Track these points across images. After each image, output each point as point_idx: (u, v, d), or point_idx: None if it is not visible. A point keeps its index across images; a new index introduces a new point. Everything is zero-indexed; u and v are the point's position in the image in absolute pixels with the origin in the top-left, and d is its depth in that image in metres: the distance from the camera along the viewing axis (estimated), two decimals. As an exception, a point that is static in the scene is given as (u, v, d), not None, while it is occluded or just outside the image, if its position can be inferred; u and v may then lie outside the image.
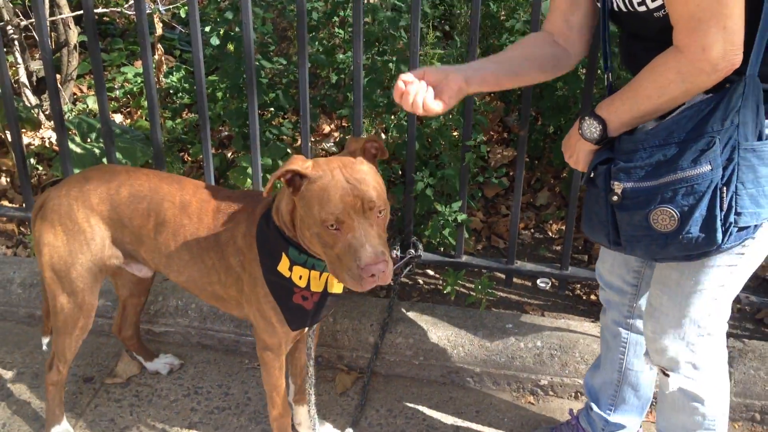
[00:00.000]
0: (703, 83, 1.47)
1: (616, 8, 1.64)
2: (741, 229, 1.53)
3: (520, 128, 2.61)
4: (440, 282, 3.00)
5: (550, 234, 3.30)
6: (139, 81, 4.20)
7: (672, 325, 1.77)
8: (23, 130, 3.56)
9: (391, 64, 3.21)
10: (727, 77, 1.47)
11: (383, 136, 3.40)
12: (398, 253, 2.80)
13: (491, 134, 3.75)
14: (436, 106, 1.65)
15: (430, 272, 3.08)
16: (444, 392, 2.63)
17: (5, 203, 3.42)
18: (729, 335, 2.55)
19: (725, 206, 1.49)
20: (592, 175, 1.66)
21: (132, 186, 2.12)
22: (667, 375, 1.86)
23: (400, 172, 3.36)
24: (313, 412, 2.25)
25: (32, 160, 3.58)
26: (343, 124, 3.82)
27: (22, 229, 3.33)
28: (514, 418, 2.51)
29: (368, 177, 1.77)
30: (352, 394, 2.60)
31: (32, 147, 3.72)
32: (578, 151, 1.71)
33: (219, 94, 3.64)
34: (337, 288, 1.96)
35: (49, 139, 3.83)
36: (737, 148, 1.47)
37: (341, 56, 3.40)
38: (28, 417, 2.46)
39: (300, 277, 1.91)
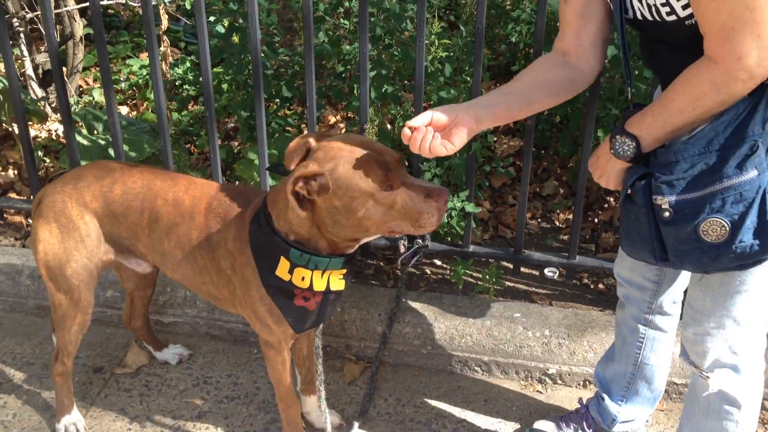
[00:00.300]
0: (740, 92, 1.43)
1: (639, 17, 1.59)
2: None
3: (526, 118, 2.61)
4: (448, 272, 3.00)
5: (557, 223, 3.30)
6: (144, 73, 4.21)
7: (715, 327, 1.72)
8: (30, 123, 3.57)
9: (396, 56, 3.21)
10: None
11: (389, 126, 3.40)
12: (406, 243, 2.80)
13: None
14: (443, 151, 1.64)
15: (438, 262, 3.08)
16: (452, 381, 2.63)
17: (13, 195, 3.43)
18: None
19: None
20: (629, 192, 1.59)
21: (125, 183, 2.10)
22: (707, 377, 1.81)
23: (406, 163, 3.35)
24: (324, 406, 2.24)
25: (39, 153, 3.59)
26: (349, 115, 3.82)
27: (30, 221, 3.33)
28: (523, 407, 2.51)
29: (368, 139, 1.79)
30: (360, 383, 2.61)
31: (39, 139, 3.73)
32: (609, 170, 1.65)
33: (224, 86, 3.64)
34: (339, 285, 1.93)
35: (55, 131, 3.84)
36: None
37: (347, 47, 3.40)
38: (39, 407, 2.47)
39: (302, 279, 1.88)
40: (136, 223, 2.08)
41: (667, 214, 1.50)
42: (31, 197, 3.14)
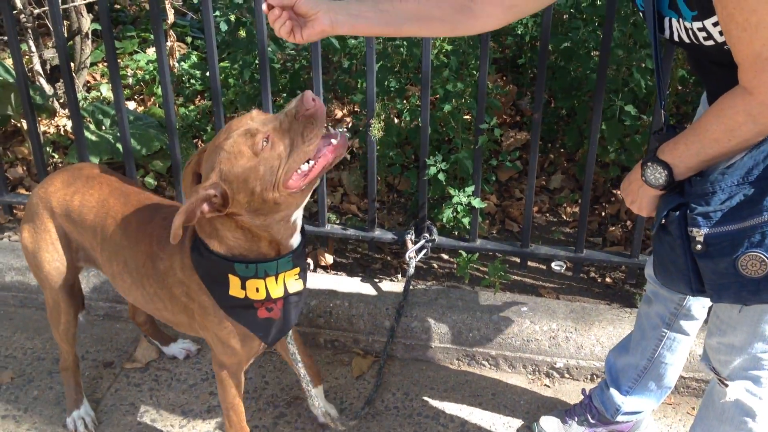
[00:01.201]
0: None
1: (677, 39, 1.53)
2: None
3: (533, 111, 2.61)
4: (455, 266, 3.01)
5: (564, 217, 3.30)
6: (151, 68, 4.21)
7: (741, 340, 1.68)
8: (38, 119, 3.58)
9: (402, 49, 3.21)
10: None
11: (396, 120, 3.40)
12: (413, 238, 2.81)
13: (504, 118, 3.75)
14: (290, 38, 1.64)
15: (445, 256, 3.09)
16: (460, 375, 2.64)
17: (22, 191, 3.45)
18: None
19: None
20: (663, 222, 1.52)
21: (83, 195, 2.09)
22: (726, 385, 1.78)
23: (413, 157, 3.36)
24: (317, 405, 2.22)
25: (48, 148, 3.60)
26: (355, 109, 3.82)
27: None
28: (530, 401, 2.52)
29: (237, 119, 1.74)
30: (368, 377, 2.62)
31: (47, 135, 3.74)
32: (641, 197, 1.60)
33: (231, 81, 3.65)
34: (297, 286, 1.89)
35: (63, 127, 3.85)
36: None
37: (352, 41, 3.40)
38: (49, 402, 2.49)
39: (257, 290, 1.83)
40: (91, 237, 2.07)
41: (699, 247, 1.43)
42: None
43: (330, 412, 2.38)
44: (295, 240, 1.85)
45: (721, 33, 1.40)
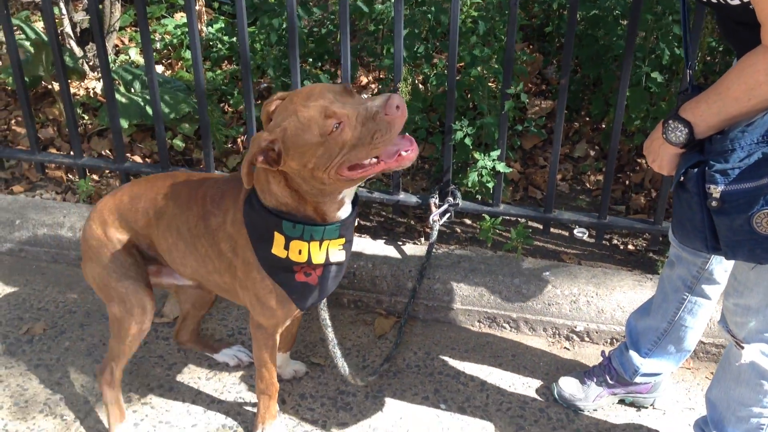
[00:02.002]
0: None
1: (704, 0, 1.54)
2: None
3: (560, 77, 2.62)
4: (477, 231, 3.04)
5: (588, 185, 3.31)
6: (179, 33, 4.25)
7: (757, 302, 1.70)
8: (69, 81, 3.64)
9: (429, 15, 3.22)
10: None
11: (421, 87, 3.42)
12: (437, 201, 2.84)
13: (529, 86, 3.75)
14: None
15: (468, 221, 3.12)
16: (481, 337, 2.68)
17: (53, 151, 3.51)
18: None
19: None
20: (681, 179, 1.54)
21: (131, 189, 2.14)
22: (742, 347, 1.80)
23: (438, 123, 3.38)
24: (341, 366, 2.24)
25: (78, 110, 3.66)
26: (381, 75, 3.84)
27: (70, 176, 3.42)
28: (550, 363, 2.56)
29: (320, 85, 1.74)
30: (390, 337, 2.67)
31: (77, 97, 3.80)
32: (662, 155, 1.62)
33: (257, 45, 3.67)
34: (339, 256, 1.91)
35: (93, 89, 3.91)
36: None
37: (379, 6, 3.41)
38: (81, 352, 2.57)
39: (299, 252, 1.84)
40: (145, 225, 2.10)
41: (715, 203, 1.45)
42: (72, 153, 3.22)
43: (290, 369, 2.46)
44: (343, 212, 1.86)
45: None
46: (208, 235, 1.99)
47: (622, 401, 2.36)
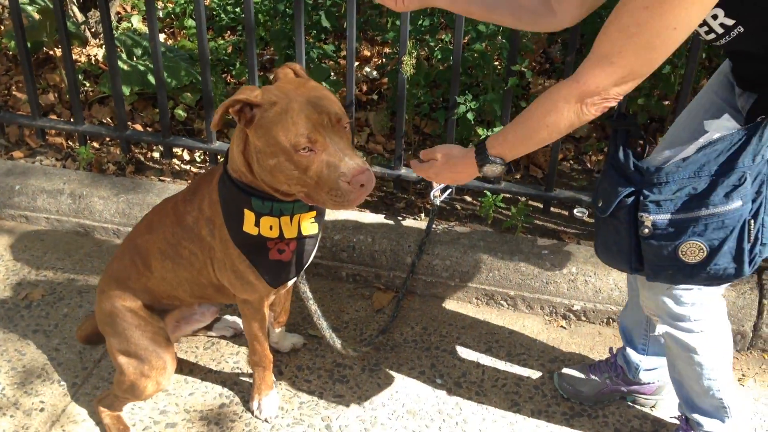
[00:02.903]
0: (589, 116, 1.50)
1: None
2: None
3: (566, 55, 2.60)
4: (477, 208, 3.04)
5: (589, 165, 3.30)
6: (182, 1, 4.22)
7: (659, 283, 1.76)
8: (71, 47, 3.61)
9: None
10: (758, 112, 1.48)
11: (425, 63, 3.40)
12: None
13: (533, 64, 3.73)
14: (392, 2, 1.75)
15: (468, 198, 3.12)
16: (478, 313, 2.69)
17: (53, 117, 3.50)
18: (764, 268, 2.58)
19: (752, 238, 1.50)
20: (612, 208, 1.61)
21: (116, 253, 2.16)
22: (656, 319, 1.90)
23: (441, 99, 3.36)
24: (329, 336, 2.26)
25: (79, 77, 3.64)
26: (385, 50, 3.81)
27: (71, 142, 3.41)
28: (546, 341, 2.57)
29: (325, 92, 1.71)
30: (387, 311, 2.68)
31: (79, 64, 3.78)
32: (467, 178, 1.77)
33: (260, 16, 3.65)
34: (311, 229, 1.90)
35: (95, 56, 3.88)
36: (765, 182, 1.49)
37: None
38: (79, 319, 2.58)
39: (270, 228, 1.82)
40: (137, 276, 2.09)
41: (647, 231, 1.54)
42: (72, 119, 3.20)
43: (288, 342, 2.46)
44: None
45: (707, 32, 1.49)
46: (187, 234, 1.97)
47: (623, 398, 2.36)
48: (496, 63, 3.26)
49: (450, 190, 2.84)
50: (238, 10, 3.93)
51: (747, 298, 2.50)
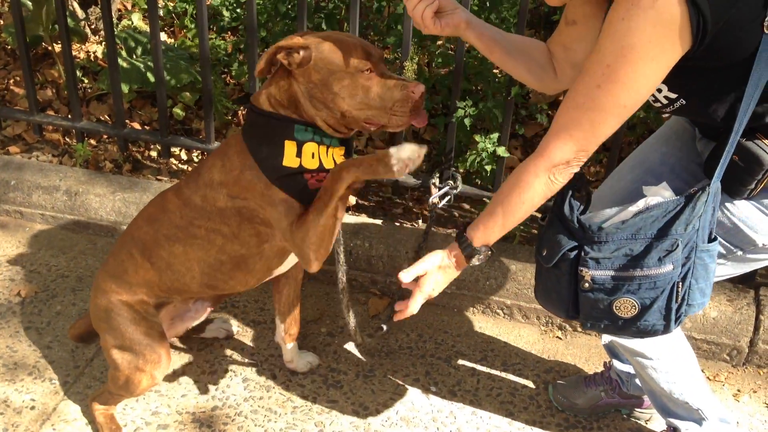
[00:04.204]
0: (559, 184, 1.59)
1: None
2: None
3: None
4: (476, 215, 3.02)
5: (588, 177, 3.30)
6: (183, 0, 4.20)
7: None
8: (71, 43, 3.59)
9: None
10: (710, 165, 1.57)
11: (425, 69, 3.39)
12: (437, 183, 2.83)
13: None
14: (431, 24, 1.77)
15: (466, 205, 3.11)
16: (474, 322, 2.68)
17: (51, 113, 3.48)
18: (761, 284, 2.58)
19: (680, 299, 1.60)
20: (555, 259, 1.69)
21: (112, 250, 2.14)
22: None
23: (441, 105, 3.36)
24: (352, 321, 2.23)
25: (78, 73, 3.62)
26: (386, 54, 3.81)
27: (68, 139, 3.39)
28: (542, 351, 2.56)
29: (358, 37, 1.85)
30: (383, 317, 2.67)
31: (77, 60, 3.76)
32: (446, 282, 1.83)
33: (261, 18, 3.63)
34: None
35: (94, 53, 3.86)
36: (695, 249, 1.57)
37: (387, -17, 3.37)
38: (72, 317, 2.56)
39: (312, 156, 1.83)
40: (134, 268, 2.07)
41: (587, 285, 1.62)
42: (70, 116, 3.18)
43: (303, 361, 2.42)
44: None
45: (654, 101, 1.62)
46: (201, 211, 1.94)
47: (618, 411, 2.35)
48: (496, 71, 3.25)
49: (449, 197, 2.83)
50: (239, 10, 3.91)
51: (744, 314, 2.49)
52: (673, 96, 1.59)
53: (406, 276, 1.79)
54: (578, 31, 1.79)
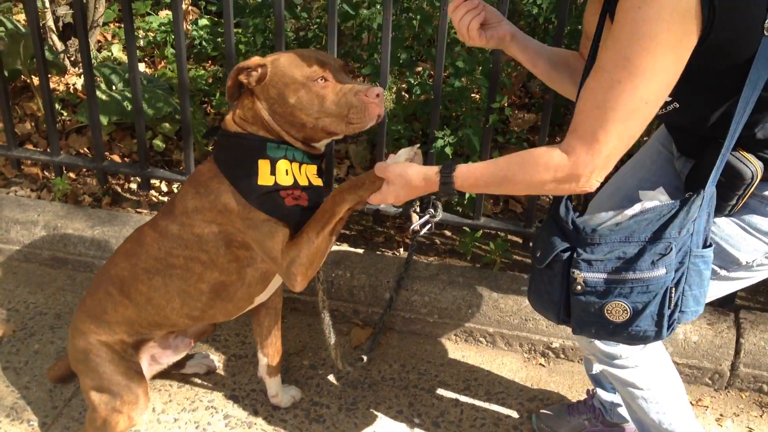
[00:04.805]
0: (566, 191, 1.55)
1: None
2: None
3: (545, 91, 2.61)
4: (456, 243, 3.03)
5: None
6: (163, 30, 4.20)
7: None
8: (49, 75, 3.58)
9: (414, 22, 3.20)
10: (693, 182, 1.57)
11: (405, 95, 3.41)
12: (418, 212, 2.82)
13: (512, 98, 3.75)
14: (476, 36, 1.80)
15: (448, 233, 3.11)
16: (457, 350, 2.67)
17: (30, 147, 3.46)
18: (740, 307, 2.59)
19: (672, 305, 1.57)
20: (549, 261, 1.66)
21: (89, 290, 2.13)
22: (591, 357, 1.93)
23: (420, 132, 3.37)
24: (338, 354, 2.23)
25: (57, 106, 3.60)
26: (365, 81, 3.82)
27: (46, 173, 3.37)
28: (525, 379, 2.55)
29: (317, 50, 1.90)
30: (365, 347, 2.65)
31: (57, 92, 3.74)
32: (413, 195, 1.80)
33: (241, 47, 3.64)
34: (318, 180, 1.93)
35: (73, 85, 3.85)
36: (689, 254, 1.54)
37: (365, 12, 3.39)
38: (50, 356, 2.53)
39: (286, 172, 1.85)
40: (113, 307, 2.05)
41: (579, 287, 1.59)
42: (49, 149, 3.16)
43: (287, 396, 2.40)
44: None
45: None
46: (178, 241, 1.94)
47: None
48: (476, 95, 3.27)
49: (430, 225, 2.82)
50: (219, 40, 3.92)
51: (724, 337, 2.50)
52: (667, 99, 1.54)
53: (377, 168, 1.78)
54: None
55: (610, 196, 1.99)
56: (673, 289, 1.55)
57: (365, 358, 2.45)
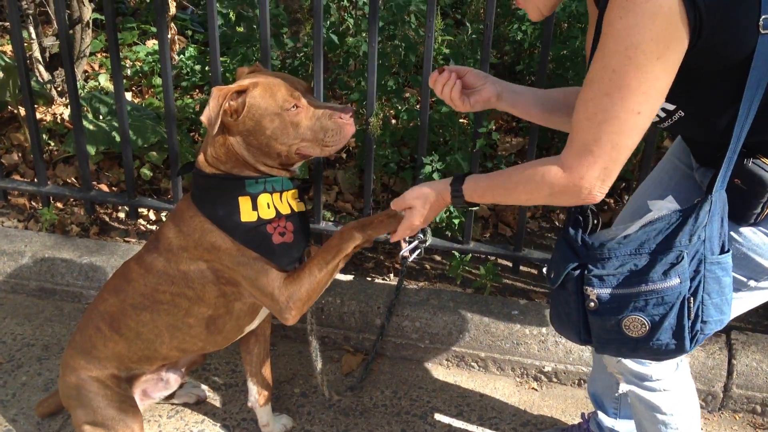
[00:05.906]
0: (568, 203, 1.55)
1: None
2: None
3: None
4: (447, 268, 3.02)
5: (557, 223, 3.32)
6: (150, 60, 4.22)
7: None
8: (36, 106, 3.58)
9: (400, 49, 3.22)
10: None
11: (393, 121, 3.42)
12: (407, 237, 2.82)
13: (500, 122, 3.77)
14: (460, 104, 1.81)
15: (438, 258, 3.10)
16: (448, 376, 2.66)
17: (17, 178, 3.44)
18: (733, 327, 2.59)
19: (692, 315, 1.53)
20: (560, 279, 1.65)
21: (79, 325, 2.12)
22: (619, 377, 1.91)
23: (409, 157, 3.37)
24: (324, 380, 2.23)
25: (44, 136, 3.59)
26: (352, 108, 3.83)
27: (34, 203, 3.35)
28: (518, 403, 2.54)
29: (283, 74, 1.93)
30: (357, 374, 2.63)
31: (44, 123, 3.74)
32: (433, 214, 1.87)
33: (228, 75, 3.65)
34: (299, 206, 1.95)
35: (60, 115, 3.85)
36: (704, 261, 1.51)
37: (351, 39, 3.41)
38: (38, 388, 2.49)
39: (267, 206, 1.87)
40: (103, 342, 2.05)
41: (592, 304, 1.57)
42: (36, 180, 3.15)
43: (278, 425, 2.37)
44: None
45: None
46: (164, 277, 1.94)
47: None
48: (463, 120, 3.28)
49: (419, 250, 2.82)
50: (206, 69, 3.93)
51: (716, 359, 2.50)
52: (672, 107, 1.54)
53: (394, 204, 1.89)
54: None
55: (632, 215, 1.95)
56: (691, 299, 1.51)
57: (352, 391, 2.43)
